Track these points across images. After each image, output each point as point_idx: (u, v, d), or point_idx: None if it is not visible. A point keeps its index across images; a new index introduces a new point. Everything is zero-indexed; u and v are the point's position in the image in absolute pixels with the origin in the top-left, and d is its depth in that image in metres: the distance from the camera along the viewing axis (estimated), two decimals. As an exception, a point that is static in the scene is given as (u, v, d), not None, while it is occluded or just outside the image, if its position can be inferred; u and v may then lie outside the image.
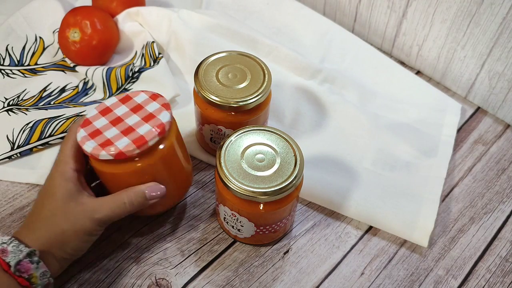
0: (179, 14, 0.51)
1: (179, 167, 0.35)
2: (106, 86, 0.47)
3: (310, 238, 0.39)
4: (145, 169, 0.32)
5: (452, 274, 0.38)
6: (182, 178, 0.36)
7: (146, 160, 0.32)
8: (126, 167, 0.32)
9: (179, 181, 0.36)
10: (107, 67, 0.48)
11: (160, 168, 0.33)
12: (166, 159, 0.33)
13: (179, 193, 0.38)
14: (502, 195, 0.43)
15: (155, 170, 0.33)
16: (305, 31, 0.55)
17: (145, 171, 0.32)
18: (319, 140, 0.45)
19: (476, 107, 0.50)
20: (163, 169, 0.33)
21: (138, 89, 0.42)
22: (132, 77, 0.47)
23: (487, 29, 0.44)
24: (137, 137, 0.31)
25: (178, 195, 0.38)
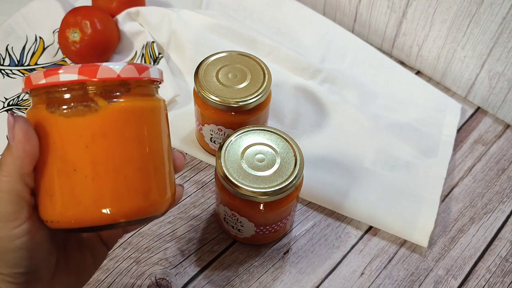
0: (179, 14, 0.51)
1: (145, 145, 0.23)
2: (106, 86, 0.47)
3: (310, 238, 0.39)
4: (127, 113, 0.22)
5: (452, 274, 0.38)
6: (144, 169, 0.23)
7: (128, 101, 0.22)
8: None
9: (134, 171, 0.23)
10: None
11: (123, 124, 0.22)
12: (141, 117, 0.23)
13: (134, 197, 0.23)
14: (502, 195, 0.43)
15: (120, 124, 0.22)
16: (305, 31, 0.55)
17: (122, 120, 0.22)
18: (319, 140, 0.45)
19: (476, 107, 0.50)
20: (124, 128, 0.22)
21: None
22: (132, 77, 0.47)
23: (487, 29, 0.44)
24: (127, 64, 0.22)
25: (133, 200, 0.23)
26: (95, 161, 0.22)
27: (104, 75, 0.22)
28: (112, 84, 0.22)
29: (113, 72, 0.22)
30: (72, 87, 0.22)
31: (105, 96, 0.22)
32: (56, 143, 0.22)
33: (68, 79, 0.21)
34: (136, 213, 0.23)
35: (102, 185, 0.22)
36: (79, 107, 0.22)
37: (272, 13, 0.56)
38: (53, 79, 0.21)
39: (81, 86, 0.22)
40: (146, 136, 0.23)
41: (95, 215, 0.22)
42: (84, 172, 0.22)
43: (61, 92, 0.22)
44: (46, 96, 0.22)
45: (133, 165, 0.23)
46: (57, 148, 0.22)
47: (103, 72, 0.21)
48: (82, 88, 0.22)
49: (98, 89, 0.22)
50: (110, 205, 0.22)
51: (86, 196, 0.22)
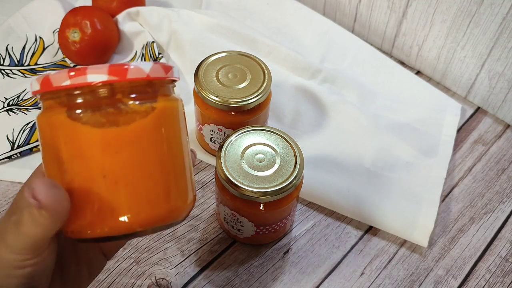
0: (179, 14, 0.51)
1: (171, 151, 0.22)
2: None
3: (310, 238, 0.39)
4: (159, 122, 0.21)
5: (452, 274, 0.38)
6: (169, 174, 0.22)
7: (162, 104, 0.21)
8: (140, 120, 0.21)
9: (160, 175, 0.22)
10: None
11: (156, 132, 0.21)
12: (168, 120, 0.22)
13: (155, 204, 0.21)
14: (502, 195, 0.43)
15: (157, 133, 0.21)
16: (305, 31, 0.55)
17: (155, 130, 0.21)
18: (319, 140, 0.45)
19: (476, 107, 0.50)
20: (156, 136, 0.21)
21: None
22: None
23: (487, 29, 0.44)
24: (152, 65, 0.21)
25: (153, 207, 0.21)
26: (125, 167, 0.20)
27: (134, 75, 0.20)
28: (141, 85, 0.21)
29: (143, 72, 0.20)
30: (99, 89, 0.20)
31: (135, 98, 0.21)
32: (79, 149, 0.20)
33: (97, 80, 0.20)
34: (163, 219, 0.22)
35: (133, 191, 0.20)
36: (109, 110, 0.20)
37: (272, 13, 0.56)
38: (80, 80, 0.20)
39: (110, 88, 0.20)
40: (171, 138, 0.22)
41: (125, 223, 0.20)
42: (114, 179, 0.20)
43: (86, 94, 0.20)
44: (67, 99, 0.20)
45: (161, 169, 0.21)
46: (79, 156, 0.20)
47: (133, 72, 0.20)
48: (111, 89, 0.20)
49: (127, 90, 0.20)
50: (141, 211, 0.21)
51: (117, 204, 0.20)
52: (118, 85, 0.20)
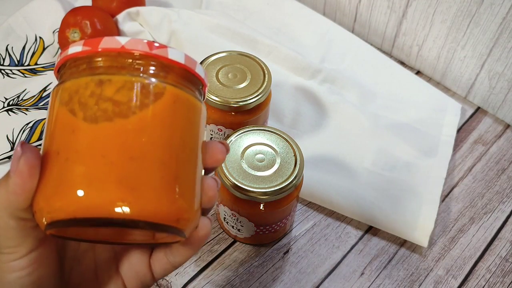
0: (179, 14, 0.51)
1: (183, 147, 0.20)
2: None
3: (310, 238, 0.39)
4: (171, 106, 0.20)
5: (452, 274, 0.38)
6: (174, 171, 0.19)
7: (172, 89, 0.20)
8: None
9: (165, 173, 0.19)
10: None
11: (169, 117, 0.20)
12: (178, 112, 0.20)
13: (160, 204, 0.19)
14: (502, 195, 0.43)
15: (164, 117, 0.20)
16: (305, 31, 0.55)
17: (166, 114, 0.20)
18: (319, 140, 0.45)
19: (476, 107, 0.50)
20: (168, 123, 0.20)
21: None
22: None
23: (487, 29, 0.44)
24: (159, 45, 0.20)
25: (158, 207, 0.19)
26: (111, 139, 0.19)
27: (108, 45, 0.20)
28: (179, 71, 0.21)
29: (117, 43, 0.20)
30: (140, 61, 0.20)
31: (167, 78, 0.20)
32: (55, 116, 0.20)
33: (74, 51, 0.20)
34: (161, 216, 0.18)
35: (123, 171, 0.18)
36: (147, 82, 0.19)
37: (272, 13, 0.56)
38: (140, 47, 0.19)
39: (155, 63, 0.20)
40: (186, 130, 0.20)
41: (110, 206, 0.18)
42: (91, 153, 0.18)
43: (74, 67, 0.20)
44: (92, 71, 0.20)
45: (169, 157, 0.19)
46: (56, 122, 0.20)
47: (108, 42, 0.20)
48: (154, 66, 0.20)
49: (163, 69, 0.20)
50: (135, 198, 0.18)
51: (106, 180, 0.18)
52: (162, 62, 0.20)
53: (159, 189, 0.19)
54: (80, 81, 0.19)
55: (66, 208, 0.18)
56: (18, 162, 0.18)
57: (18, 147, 0.19)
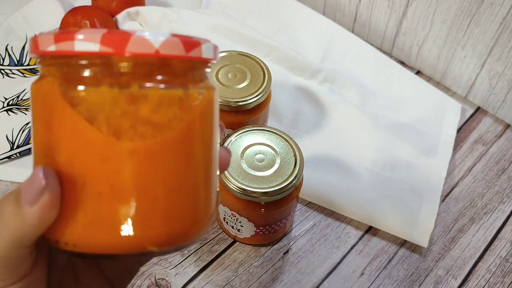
0: (179, 14, 0.51)
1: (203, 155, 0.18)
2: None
3: (310, 238, 0.39)
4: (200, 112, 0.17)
5: (452, 274, 0.38)
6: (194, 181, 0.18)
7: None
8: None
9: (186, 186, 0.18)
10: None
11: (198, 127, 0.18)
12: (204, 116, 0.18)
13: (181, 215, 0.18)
14: (502, 195, 0.43)
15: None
16: (305, 31, 0.55)
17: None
18: (319, 140, 0.45)
19: (476, 107, 0.50)
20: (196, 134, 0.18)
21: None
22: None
23: (487, 29, 0.44)
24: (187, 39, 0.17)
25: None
26: (145, 173, 0.16)
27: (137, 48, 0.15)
28: (151, 64, 0.16)
29: (150, 46, 0.16)
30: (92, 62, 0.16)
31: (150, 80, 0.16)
32: (74, 139, 0.16)
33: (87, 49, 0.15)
34: (184, 235, 0.18)
35: (149, 205, 0.16)
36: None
37: (272, 13, 0.56)
38: (65, 46, 0.15)
39: (106, 61, 0.16)
40: (205, 137, 0.18)
41: (130, 239, 0.16)
42: (119, 184, 0.16)
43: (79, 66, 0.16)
44: (56, 69, 0.16)
45: (186, 178, 0.17)
46: (75, 147, 0.16)
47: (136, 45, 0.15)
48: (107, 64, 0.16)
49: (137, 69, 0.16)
50: (156, 226, 0.17)
51: (152, 218, 0.16)
52: (116, 59, 0.16)
53: (193, 211, 0.18)
54: (102, 93, 0.15)
55: (107, 244, 0.16)
56: (40, 194, 0.16)
57: (40, 174, 0.16)
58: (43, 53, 0.16)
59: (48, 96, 0.16)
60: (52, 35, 0.16)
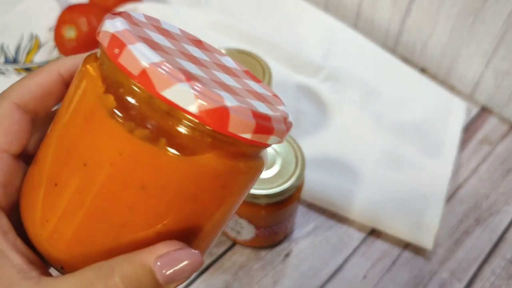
0: (178, 11, 0.50)
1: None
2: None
3: (312, 240, 0.38)
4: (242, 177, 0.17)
5: (457, 277, 0.37)
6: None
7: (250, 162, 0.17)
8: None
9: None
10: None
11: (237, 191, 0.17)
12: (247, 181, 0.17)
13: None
14: (507, 196, 0.42)
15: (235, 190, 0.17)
16: (306, 28, 0.54)
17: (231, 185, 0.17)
18: (321, 140, 0.44)
19: (481, 106, 0.49)
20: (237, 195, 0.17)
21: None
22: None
23: (492, 27, 0.43)
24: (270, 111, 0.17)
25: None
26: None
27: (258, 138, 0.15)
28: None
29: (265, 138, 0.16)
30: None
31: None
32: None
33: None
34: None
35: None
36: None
37: (272, 9, 0.56)
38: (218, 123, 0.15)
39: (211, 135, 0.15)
40: (229, 206, 0.18)
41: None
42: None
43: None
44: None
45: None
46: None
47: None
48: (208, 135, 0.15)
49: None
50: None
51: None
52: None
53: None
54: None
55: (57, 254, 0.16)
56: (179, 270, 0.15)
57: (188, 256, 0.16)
58: (236, 137, 0.15)
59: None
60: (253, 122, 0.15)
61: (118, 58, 0.14)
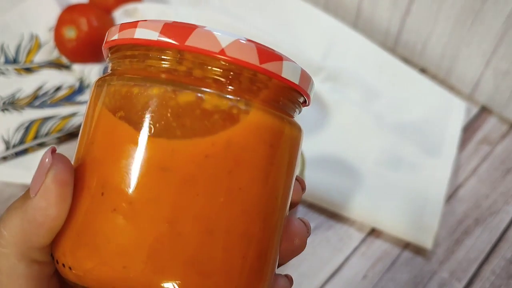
0: (177, 10, 0.50)
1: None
2: (103, 85, 0.46)
3: (312, 240, 0.38)
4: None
5: (457, 277, 0.37)
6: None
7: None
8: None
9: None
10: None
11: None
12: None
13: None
14: (507, 196, 0.42)
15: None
16: (306, 27, 0.54)
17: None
18: (321, 140, 0.44)
19: (481, 106, 0.49)
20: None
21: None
22: (129, 76, 0.46)
23: (491, 27, 0.43)
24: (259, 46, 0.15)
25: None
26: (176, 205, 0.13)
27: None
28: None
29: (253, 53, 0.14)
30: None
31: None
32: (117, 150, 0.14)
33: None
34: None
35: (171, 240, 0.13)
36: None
37: (272, 9, 0.56)
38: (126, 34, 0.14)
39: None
40: (279, 181, 0.15)
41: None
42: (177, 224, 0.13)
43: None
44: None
45: (263, 232, 0.14)
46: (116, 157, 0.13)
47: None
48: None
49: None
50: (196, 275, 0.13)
51: (170, 259, 0.13)
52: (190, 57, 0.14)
53: (238, 274, 0.14)
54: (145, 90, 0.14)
55: (109, 283, 0.13)
56: (45, 176, 0.13)
57: (48, 155, 0.13)
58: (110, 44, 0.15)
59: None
60: (118, 27, 0.15)
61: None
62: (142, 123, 0.13)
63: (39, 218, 0.13)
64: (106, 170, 0.13)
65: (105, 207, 0.13)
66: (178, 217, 0.13)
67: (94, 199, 0.13)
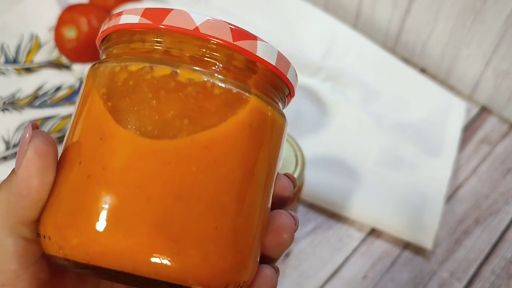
0: (178, 10, 0.50)
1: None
2: (103, 85, 0.46)
3: (312, 240, 0.38)
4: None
5: (457, 277, 0.37)
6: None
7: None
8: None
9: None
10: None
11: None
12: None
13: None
14: (507, 196, 0.42)
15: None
16: (306, 27, 0.54)
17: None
18: (321, 140, 0.44)
19: (481, 106, 0.49)
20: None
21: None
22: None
23: (492, 27, 0.43)
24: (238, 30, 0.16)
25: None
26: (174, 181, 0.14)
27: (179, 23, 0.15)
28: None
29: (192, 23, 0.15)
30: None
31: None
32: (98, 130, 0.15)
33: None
34: (206, 280, 0.14)
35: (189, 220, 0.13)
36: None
37: (272, 9, 0.56)
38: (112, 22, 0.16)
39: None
40: (266, 160, 0.16)
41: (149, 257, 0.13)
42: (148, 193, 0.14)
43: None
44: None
45: (240, 207, 0.14)
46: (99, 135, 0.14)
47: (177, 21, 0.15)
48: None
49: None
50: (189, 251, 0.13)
51: (139, 221, 0.13)
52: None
53: (209, 243, 0.14)
54: (123, 65, 0.15)
55: (81, 248, 0.13)
56: (25, 149, 0.13)
57: (29, 130, 0.14)
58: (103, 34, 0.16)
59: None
60: (107, 20, 0.17)
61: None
62: (121, 96, 0.14)
63: (23, 191, 0.13)
64: (84, 141, 0.14)
65: (81, 175, 0.14)
66: (148, 182, 0.13)
67: (73, 169, 0.14)
